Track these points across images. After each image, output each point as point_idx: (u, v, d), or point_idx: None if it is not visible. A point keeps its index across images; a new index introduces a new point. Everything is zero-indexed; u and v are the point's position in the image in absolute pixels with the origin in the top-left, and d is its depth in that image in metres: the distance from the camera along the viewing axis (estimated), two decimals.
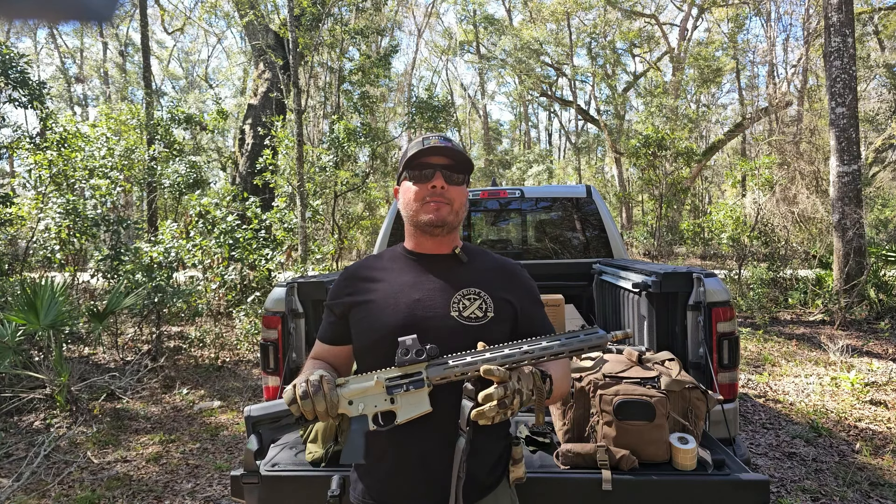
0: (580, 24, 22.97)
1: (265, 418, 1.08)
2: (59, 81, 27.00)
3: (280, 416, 1.07)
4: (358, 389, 1.08)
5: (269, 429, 1.08)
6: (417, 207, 1.27)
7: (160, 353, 6.14)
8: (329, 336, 1.31)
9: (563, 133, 34.50)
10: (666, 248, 13.28)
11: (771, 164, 11.12)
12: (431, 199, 1.26)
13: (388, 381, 1.07)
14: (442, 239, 1.29)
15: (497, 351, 1.06)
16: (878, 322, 7.34)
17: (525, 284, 1.33)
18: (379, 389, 1.07)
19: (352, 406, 1.08)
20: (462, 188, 1.30)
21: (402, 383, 1.07)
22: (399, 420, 1.07)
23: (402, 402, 1.07)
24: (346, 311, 1.27)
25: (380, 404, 1.08)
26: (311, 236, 9.68)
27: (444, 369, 1.07)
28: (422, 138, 1.31)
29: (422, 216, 1.26)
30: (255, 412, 1.08)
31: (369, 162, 13.30)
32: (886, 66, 16.18)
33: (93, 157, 7.04)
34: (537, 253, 4.39)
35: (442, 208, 1.26)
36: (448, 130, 12.71)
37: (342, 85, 14.09)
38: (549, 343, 1.06)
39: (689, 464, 1.73)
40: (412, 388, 1.06)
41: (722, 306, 2.29)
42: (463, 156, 1.28)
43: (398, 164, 1.35)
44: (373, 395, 1.08)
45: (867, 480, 3.23)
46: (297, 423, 1.08)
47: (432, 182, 1.25)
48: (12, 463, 3.67)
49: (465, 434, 1.05)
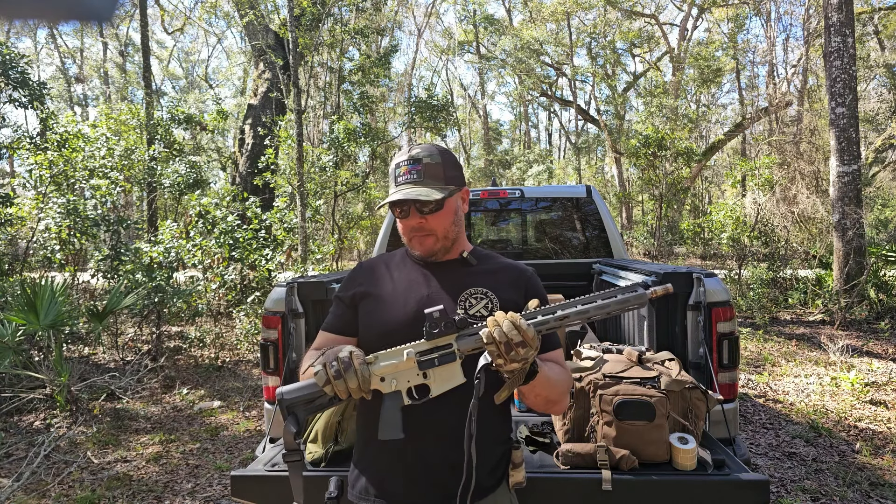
0: (580, 24, 22.97)
1: (299, 401, 1.06)
2: (59, 81, 27.01)
3: (313, 397, 1.06)
4: (389, 366, 1.06)
5: (303, 409, 1.06)
6: (407, 241, 1.31)
7: (160, 353, 6.14)
8: (336, 325, 1.31)
9: (563, 133, 34.51)
10: (666, 248, 13.28)
11: (771, 164, 11.12)
12: (414, 235, 1.27)
13: (419, 355, 1.06)
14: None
15: (531, 317, 1.05)
16: (878, 322, 7.34)
17: (533, 286, 1.32)
18: (410, 364, 1.06)
19: (384, 383, 1.06)
20: (442, 212, 1.26)
21: (433, 357, 1.06)
22: (433, 393, 1.06)
23: (435, 377, 1.06)
24: (357, 302, 1.29)
25: (412, 379, 1.06)
26: (311, 236, 9.68)
27: (474, 340, 1.05)
28: (394, 166, 1.27)
29: (413, 250, 1.31)
30: (287, 395, 1.06)
31: (369, 162, 13.29)
32: (886, 66, 16.18)
33: (93, 158, 7.04)
34: (537, 253, 4.39)
35: (426, 241, 1.27)
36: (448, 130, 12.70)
37: (342, 85, 14.09)
38: (584, 306, 1.05)
39: (689, 464, 1.73)
40: (444, 362, 1.05)
41: (722, 306, 2.29)
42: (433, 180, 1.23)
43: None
44: (405, 370, 1.06)
45: (867, 480, 3.23)
46: (331, 403, 1.07)
47: (409, 221, 1.27)
48: (12, 463, 3.67)
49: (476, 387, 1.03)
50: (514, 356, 0.98)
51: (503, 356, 0.99)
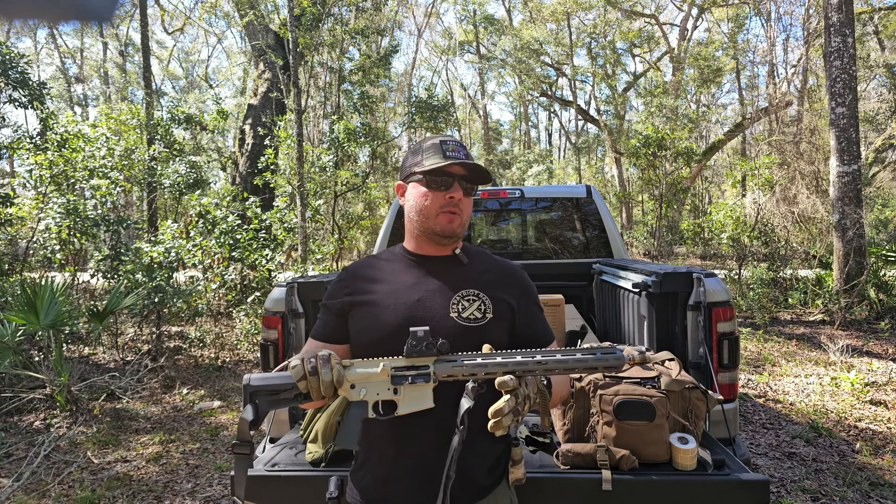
0: (580, 24, 22.97)
1: (263, 389, 1.04)
2: (59, 81, 27.01)
3: (280, 388, 1.04)
4: (363, 374, 1.05)
5: (266, 401, 1.04)
6: (431, 216, 1.24)
7: (160, 353, 6.14)
8: (323, 333, 1.29)
9: (563, 133, 34.52)
10: (666, 248, 13.29)
11: (771, 164, 11.12)
12: (446, 210, 1.24)
13: (394, 370, 1.05)
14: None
15: (509, 357, 1.03)
16: (878, 322, 7.34)
17: (524, 286, 1.32)
18: (384, 377, 1.05)
19: (354, 390, 1.05)
20: (470, 200, 1.29)
21: (407, 374, 1.04)
22: (399, 412, 1.04)
23: (405, 395, 1.04)
24: (346, 311, 1.26)
25: (382, 393, 1.05)
26: (311, 236, 9.68)
27: (452, 367, 1.04)
28: (439, 141, 1.27)
29: (434, 226, 1.25)
30: (254, 382, 1.05)
31: (369, 162, 13.29)
32: (886, 66, 16.18)
33: (93, 158, 7.04)
34: (537, 253, 4.39)
35: (454, 220, 1.25)
36: (448, 130, 12.71)
37: (342, 85, 14.09)
38: (563, 356, 1.03)
39: (689, 464, 1.73)
40: (417, 382, 1.04)
41: (722, 306, 2.29)
42: (481, 168, 1.26)
43: (406, 163, 1.32)
44: (376, 382, 1.05)
45: (867, 480, 3.23)
46: (295, 400, 1.05)
47: (450, 193, 1.23)
48: (12, 463, 3.67)
49: (459, 432, 1.02)
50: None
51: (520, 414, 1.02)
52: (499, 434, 0.99)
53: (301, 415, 2.38)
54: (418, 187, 1.26)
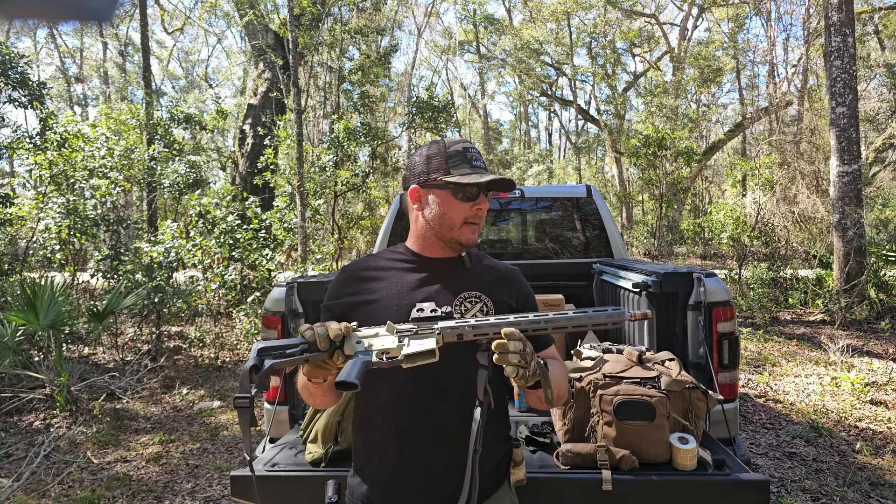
0: (580, 24, 22.97)
1: (271, 347, 1.05)
2: (59, 81, 26.99)
3: (287, 346, 1.04)
4: (369, 332, 1.07)
5: (272, 355, 1.03)
6: (456, 226, 1.23)
7: (160, 353, 6.13)
8: None
9: (563, 133, 34.52)
10: (666, 247, 13.29)
11: (771, 163, 11.13)
12: (470, 222, 1.24)
13: (400, 331, 1.07)
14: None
15: (521, 316, 1.06)
16: (878, 322, 7.34)
17: (522, 288, 1.34)
18: (390, 332, 1.07)
19: (359, 345, 1.06)
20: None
21: (413, 329, 1.06)
22: (403, 353, 1.04)
23: (410, 343, 1.05)
24: (347, 311, 1.24)
25: (387, 344, 1.06)
26: (311, 236, 9.68)
27: (458, 325, 1.05)
28: (463, 149, 1.25)
29: (459, 236, 1.24)
30: (264, 343, 1.06)
31: (369, 162, 13.28)
32: (886, 65, 16.17)
33: (93, 157, 7.04)
34: (537, 253, 4.39)
35: (476, 231, 1.26)
36: (448, 130, 12.70)
37: (342, 85, 14.09)
38: (574, 314, 1.07)
39: (689, 464, 1.73)
40: (422, 336, 1.05)
41: (722, 306, 2.29)
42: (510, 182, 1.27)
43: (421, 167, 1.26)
44: (382, 336, 1.07)
45: (867, 480, 3.23)
46: (301, 353, 1.04)
47: (477, 204, 1.24)
48: (12, 463, 3.67)
49: (482, 404, 1.05)
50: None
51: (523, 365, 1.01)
52: (507, 368, 1.00)
53: (301, 415, 2.38)
54: (444, 196, 1.23)
